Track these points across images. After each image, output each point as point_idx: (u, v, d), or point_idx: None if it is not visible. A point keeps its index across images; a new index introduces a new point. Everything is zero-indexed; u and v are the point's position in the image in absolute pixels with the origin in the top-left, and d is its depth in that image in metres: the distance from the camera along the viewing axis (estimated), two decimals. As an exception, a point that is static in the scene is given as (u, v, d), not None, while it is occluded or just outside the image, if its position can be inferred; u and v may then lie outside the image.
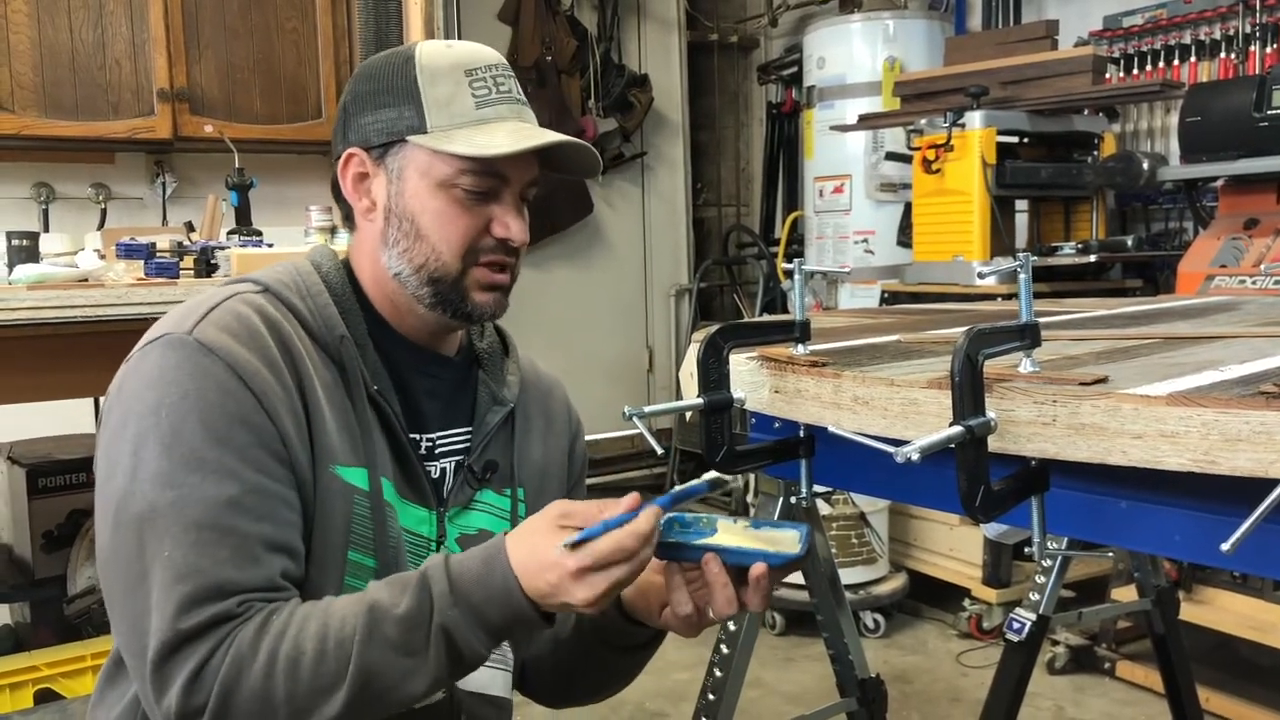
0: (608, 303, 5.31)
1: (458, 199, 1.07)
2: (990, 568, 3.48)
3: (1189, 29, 3.57)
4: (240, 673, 0.90)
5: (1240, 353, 0.99)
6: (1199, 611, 2.91)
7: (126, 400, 0.98)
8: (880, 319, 1.66)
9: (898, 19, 4.26)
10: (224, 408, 0.96)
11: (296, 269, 1.11)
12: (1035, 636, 2.09)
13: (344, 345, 1.07)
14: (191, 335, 0.99)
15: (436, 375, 1.16)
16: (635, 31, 5.31)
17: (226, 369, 0.97)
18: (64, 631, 2.68)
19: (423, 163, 1.07)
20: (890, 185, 4.18)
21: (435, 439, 1.14)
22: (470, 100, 1.07)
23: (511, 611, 0.94)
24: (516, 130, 1.07)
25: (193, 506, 0.93)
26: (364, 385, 1.07)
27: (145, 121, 3.59)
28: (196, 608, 0.91)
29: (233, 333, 1.00)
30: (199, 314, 1.02)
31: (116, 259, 2.15)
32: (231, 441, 0.96)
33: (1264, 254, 2.88)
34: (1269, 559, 0.74)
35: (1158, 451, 0.73)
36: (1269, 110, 2.86)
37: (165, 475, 0.93)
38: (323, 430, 1.02)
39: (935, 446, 0.74)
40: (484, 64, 1.10)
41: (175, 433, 0.94)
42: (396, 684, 0.93)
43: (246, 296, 1.05)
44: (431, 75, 1.07)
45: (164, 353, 0.98)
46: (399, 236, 1.08)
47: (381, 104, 1.08)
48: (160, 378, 0.97)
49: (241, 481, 0.95)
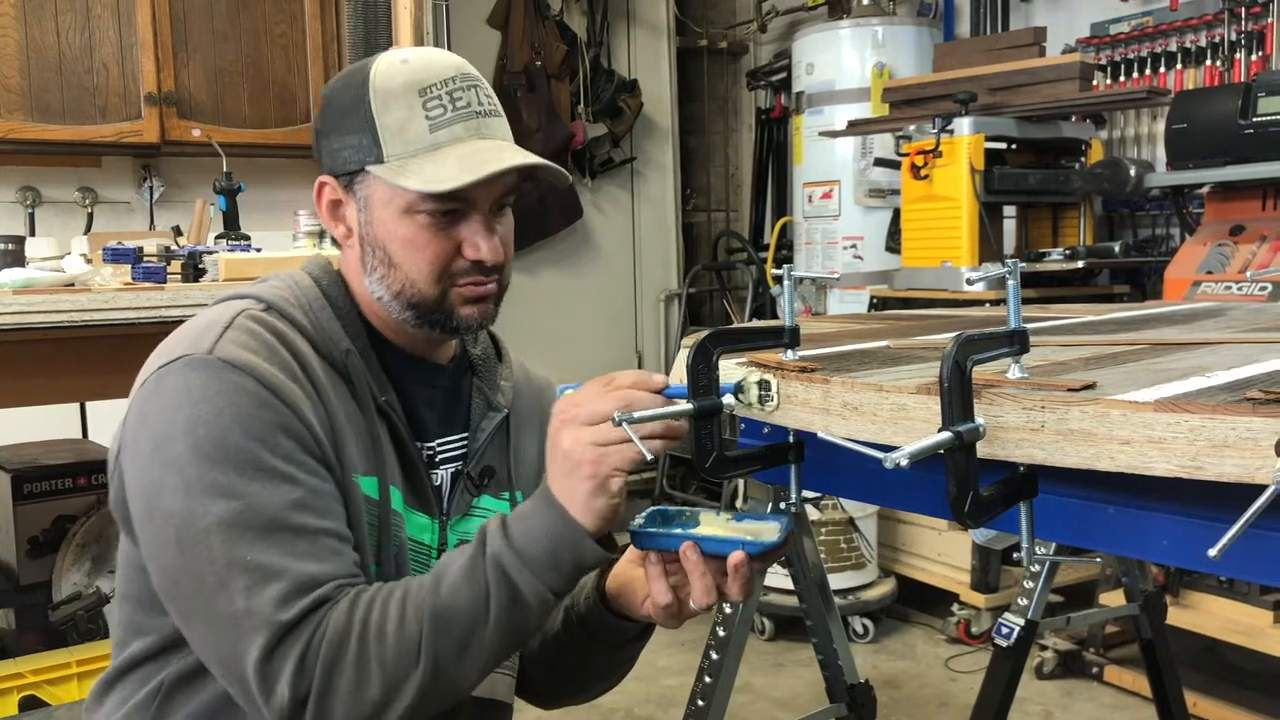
0: (597, 307, 5.31)
1: (423, 225, 1.06)
2: (979, 573, 3.49)
3: (1175, 36, 3.59)
4: (339, 649, 0.92)
5: (1227, 358, 1.00)
6: (1186, 616, 2.92)
7: (155, 424, 0.98)
8: (869, 324, 1.66)
9: (886, 25, 4.27)
10: (262, 418, 0.97)
11: (296, 283, 1.12)
12: (1024, 641, 2.09)
13: (350, 359, 1.08)
14: (213, 354, 0.99)
15: (432, 384, 1.17)
16: (625, 37, 5.31)
17: (256, 383, 0.98)
18: (49, 638, 2.66)
19: (384, 193, 1.06)
20: (879, 191, 4.19)
21: (435, 447, 1.16)
22: (423, 124, 1.05)
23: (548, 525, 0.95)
24: (469, 155, 1.05)
25: (261, 511, 0.94)
26: (372, 397, 1.08)
27: (133, 125, 3.58)
28: (293, 600, 0.93)
29: (252, 349, 1.01)
30: (214, 333, 1.02)
31: (103, 263, 2.14)
32: (278, 448, 0.97)
33: (1250, 260, 2.90)
34: (1255, 564, 0.74)
35: (1145, 457, 0.73)
36: (1254, 118, 2.88)
37: (224, 487, 0.94)
38: (343, 438, 1.04)
39: (924, 452, 0.74)
40: (438, 79, 1.07)
41: (221, 446, 0.95)
42: (468, 631, 0.95)
43: (253, 314, 1.06)
44: (384, 100, 1.06)
45: (185, 374, 0.98)
46: (375, 264, 1.09)
47: (343, 130, 1.07)
48: (189, 397, 0.97)
49: (299, 483, 0.97)
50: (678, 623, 1.05)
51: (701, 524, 1.03)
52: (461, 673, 0.96)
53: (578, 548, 0.95)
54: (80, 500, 2.82)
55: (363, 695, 0.93)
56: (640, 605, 1.09)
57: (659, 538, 1.00)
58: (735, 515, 1.05)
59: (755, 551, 0.98)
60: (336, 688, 0.92)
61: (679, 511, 1.06)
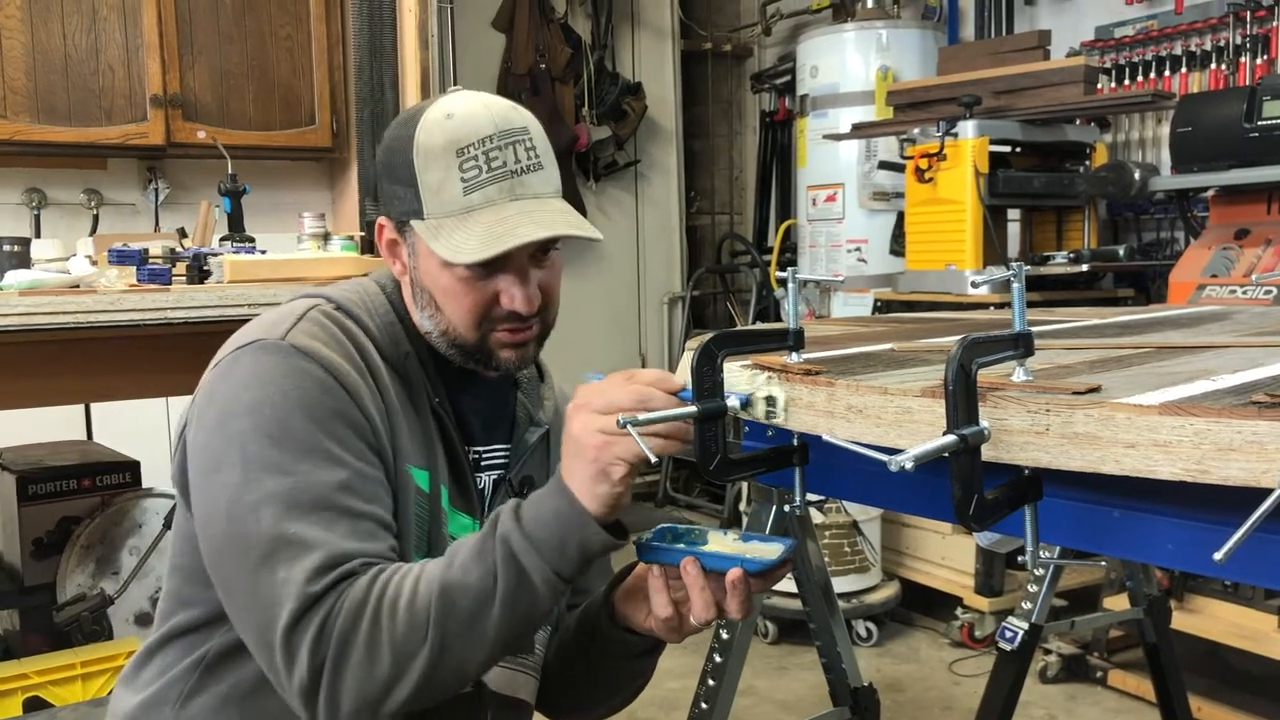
0: (601, 310, 5.32)
1: (461, 277, 1.11)
2: (983, 576, 3.48)
3: (1180, 40, 3.59)
4: (354, 621, 0.95)
5: (1232, 362, 1.00)
6: (1190, 620, 2.92)
7: (223, 401, 1.04)
8: (873, 327, 1.66)
9: (891, 28, 4.27)
10: (324, 403, 1.03)
11: (364, 289, 1.19)
12: (1028, 645, 2.09)
13: (409, 361, 1.15)
14: (285, 340, 1.06)
15: (479, 394, 1.22)
16: (629, 40, 5.32)
17: (322, 369, 1.05)
18: (53, 639, 2.66)
19: (425, 245, 1.12)
20: (883, 194, 4.19)
21: (481, 452, 1.22)
22: (458, 187, 1.09)
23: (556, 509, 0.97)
24: (495, 224, 1.08)
25: (310, 490, 0.99)
26: (428, 397, 1.15)
27: (138, 127, 3.59)
28: (326, 572, 0.97)
29: (322, 340, 1.08)
30: (288, 323, 1.09)
31: (108, 265, 2.15)
32: (335, 433, 1.03)
33: (1254, 264, 2.89)
34: (1261, 568, 0.74)
35: (1150, 461, 0.73)
36: (1259, 121, 2.87)
37: (278, 464, 0.99)
38: (399, 431, 1.10)
39: (929, 455, 0.74)
40: (477, 138, 1.10)
41: (282, 426, 1.01)
42: (474, 610, 0.96)
43: (324, 309, 1.13)
44: (426, 158, 1.10)
45: (258, 357, 1.05)
46: (423, 303, 1.15)
47: (395, 179, 1.13)
48: (259, 378, 1.03)
49: (349, 468, 1.02)
50: (679, 637, 1.08)
51: (709, 542, 1.06)
52: (468, 653, 0.97)
53: (584, 532, 0.97)
54: (85, 502, 2.83)
55: (373, 671, 0.95)
56: (644, 619, 1.11)
57: (662, 552, 1.03)
58: (742, 535, 1.07)
59: (754, 569, 0.99)
60: (348, 660, 0.95)
61: (688, 530, 1.09)
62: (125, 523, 2.82)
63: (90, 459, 2.98)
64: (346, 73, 3.80)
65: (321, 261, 2.40)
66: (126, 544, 2.81)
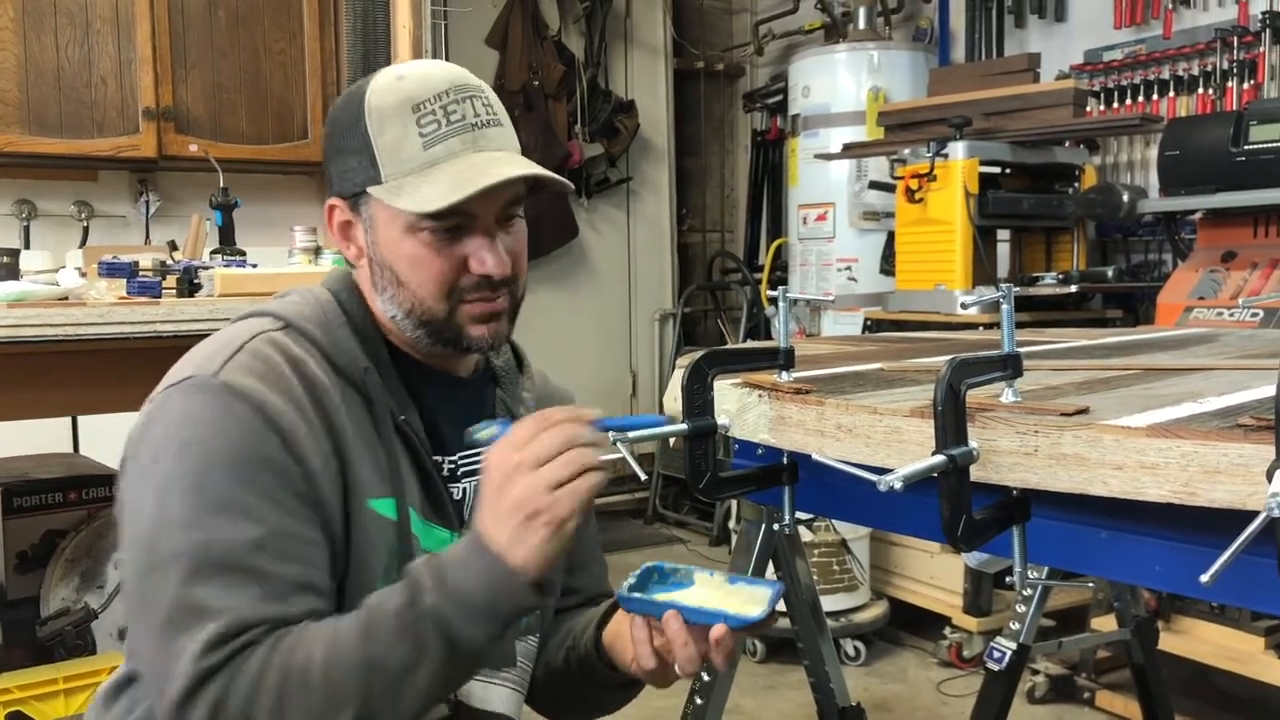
0: (592, 326, 5.32)
1: (426, 243, 1.05)
2: (971, 596, 3.48)
3: (1168, 64, 3.62)
4: (257, 692, 0.90)
5: (1219, 385, 1.00)
6: (1177, 642, 2.92)
7: (154, 441, 0.98)
8: (863, 346, 1.66)
9: (882, 50, 4.30)
10: (250, 450, 0.96)
11: (317, 300, 1.11)
12: (1015, 665, 2.09)
13: (368, 377, 1.07)
14: (218, 378, 0.99)
15: (453, 398, 1.16)
16: (622, 58, 5.34)
17: (253, 411, 0.97)
18: (37, 653, 2.64)
19: (385, 212, 1.06)
20: (873, 214, 4.21)
21: (457, 460, 1.15)
22: (417, 142, 1.04)
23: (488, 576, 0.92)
24: (462, 171, 1.03)
25: (220, 548, 0.93)
26: (390, 415, 1.07)
27: (130, 140, 3.58)
28: (222, 645, 0.91)
29: (259, 375, 1.00)
30: (224, 356, 1.01)
31: (98, 277, 2.14)
32: (256, 484, 0.96)
33: (1241, 286, 2.91)
34: (1247, 590, 0.74)
35: (1138, 483, 0.73)
36: (1246, 145, 2.90)
37: (192, 518, 0.94)
38: (354, 465, 1.03)
39: (918, 475, 0.75)
40: (432, 93, 1.05)
41: (202, 475, 0.95)
42: (401, 678, 0.92)
43: (270, 336, 1.05)
44: (380, 120, 1.05)
45: (189, 396, 0.99)
46: (385, 284, 1.09)
47: (345, 151, 1.08)
48: (186, 420, 0.97)
49: (266, 524, 0.95)
50: (665, 684, 1.05)
51: (696, 583, 1.03)
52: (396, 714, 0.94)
53: (518, 597, 0.93)
54: (70, 515, 2.80)
55: None
56: (629, 662, 1.08)
57: (643, 603, 0.99)
58: (730, 577, 1.04)
59: (737, 626, 0.96)
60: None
61: (674, 569, 1.05)
62: (110, 536, 2.80)
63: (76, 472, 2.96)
64: (340, 88, 3.81)
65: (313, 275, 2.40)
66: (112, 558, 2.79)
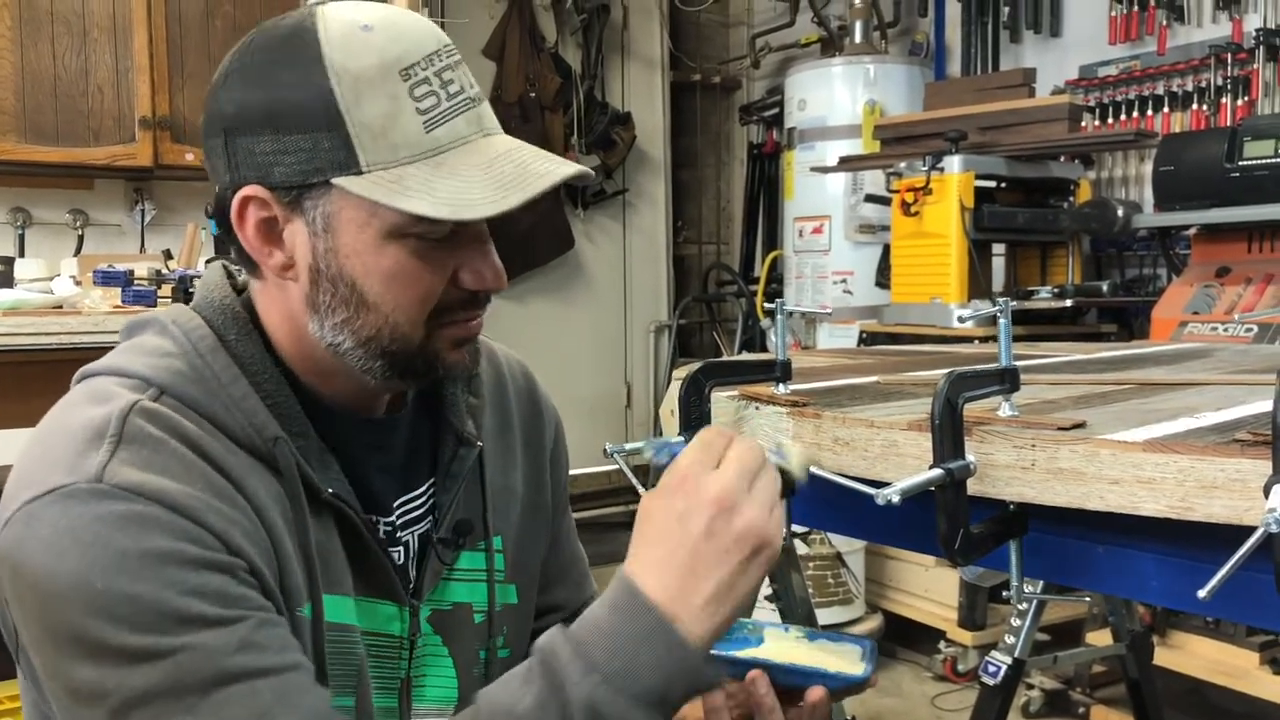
0: (587, 338, 5.31)
1: (413, 251, 0.81)
2: (966, 610, 3.47)
3: (1162, 80, 3.63)
4: None
5: (1214, 399, 1.00)
6: (1172, 656, 2.91)
7: (36, 581, 0.72)
8: (859, 359, 1.66)
9: (878, 64, 4.32)
10: (182, 556, 0.73)
11: (193, 345, 0.83)
12: (1010, 680, 2.08)
13: (279, 449, 0.82)
14: (103, 482, 0.73)
15: (383, 445, 0.93)
16: (619, 70, 5.35)
17: (169, 511, 0.73)
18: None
19: (360, 212, 0.79)
20: (869, 227, 4.22)
21: (395, 520, 0.93)
22: (416, 121, 0.79)
23: (669, 662, 0.71)
24: (492, 164, 0.80)
25: (200, 667, 0.72)
26: (309, 490, 0.84)
27: (126, 148, 3.58)
28: None
29: (156, 467, 0.75)
30: (99, 451, 0.75)
31: (93, 286, 2.14)
32: (208, 588, 0.73)
33: (1235, 302, 2.92)
34: (1244, 605, 0.74)
35: (1135, 497, 0.73)
36: (1240, 161, 2.91)
37: (144, 650, 0.71)
38: (285, 564, 0.81)
39: (915, 489, 0.74)
40: (421, 54, 0.80)
41: (129, 600, 0.71)
42: None
43: (145, 408, 0.78)
44: (354, 86, 0.78)
45: (66, 511, 0.72)
46: (335, 304, 0.82)
47: (284, 126, 0.78)
48: (75, 543, 0.71)
49: (243, 620, 0.74)
50: None
51: (767, 639, 0.88)
52: None
53: (694, 677, 0.72)
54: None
55: None
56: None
57: (721, 661, 0.83)
58: (807, 634, 0.90)
59: (837, 686, 0.83)
60: None
61: (741, 625, 0.89)
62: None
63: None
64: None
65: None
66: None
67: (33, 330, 1.88)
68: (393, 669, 0.92)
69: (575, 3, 5.05)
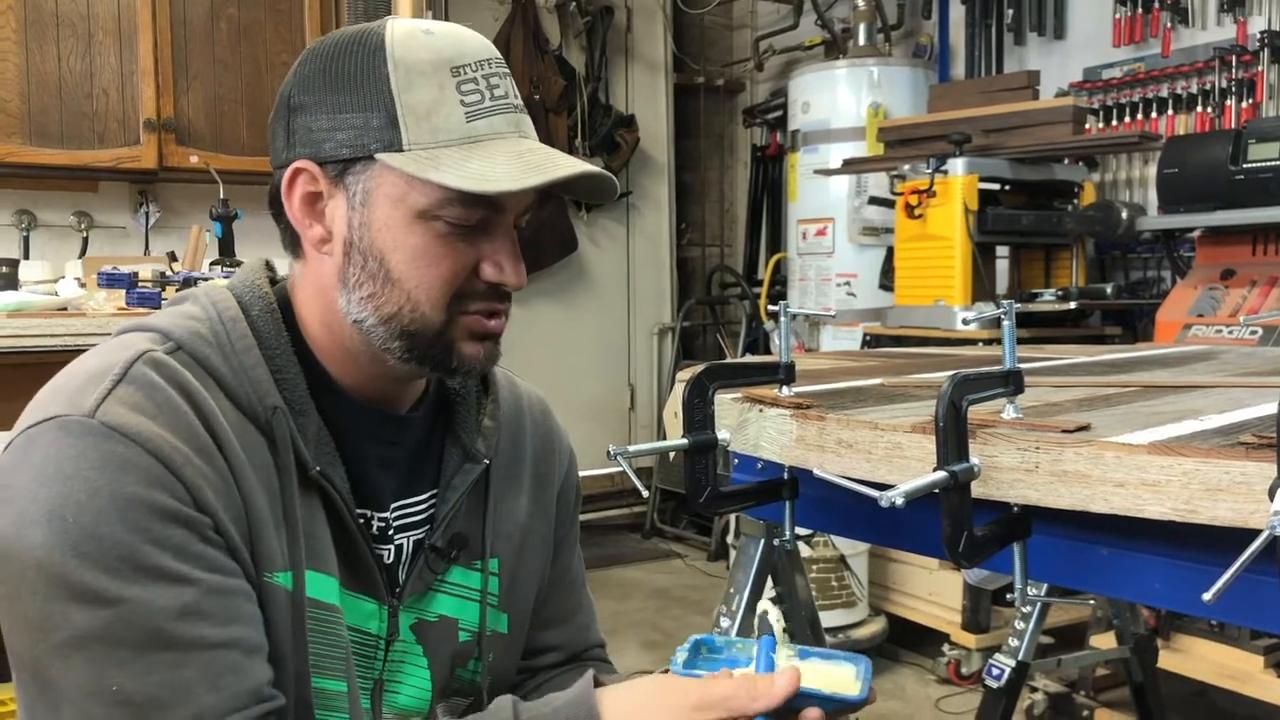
0: (591, 340, 5.32)
1: (440, 234, 0.86)
2: (970, 613, 3.47)
3: (1167, 83, 3.63)
4: None
5: (1219, 402, 1.00)
6: (1176, 660, 2.91)
7: (17, 500, 0.76)
8: (863, 361, 1.66)
9: (882, 66, 4.32)
10: (151, 503, 0.76)
11: (218, 313, 0.89)
12: (1014, 683, 2.08)
13: (276, 419, 0.86)
14: (95, 417, 0.77)
15: (392, 440, 0.95)
16: (623, 73, 5.36)
17: (147, 456, 0.77)
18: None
19: (396, 188, 0.85)
20: (873, 229, 4.22)
21: (390, 517, 0.95)
22: (459, 111, 0.85)
23: None
24: (521, 154, 0.86)
25: (138, 622, 0.74)
26: (301, 467, 0.87)
27: (130, 151, 3.59)
28: None
29: (147, 411, 0.79)
30: (101, 388, 0.79)
31: (98, 288, 2.14)
32: (170, 540, 0.76)
33: (1240, 304, 2.92)
34: (1249, 609, 0.74)
35: (1139, 500, 0.73)
36: (1244, 164, 2.91)
37: (91, 591, 0.73)
38: (260, 529, 0.83)
39: (919, 491, 0.74)
40: (474, 59, 0.87)
41: (94, 539, 0.74)
42: None
43: (154, 357, 0.83)
44: (408, 74, 0.85)
45: (58, 440, 0.77)
46: (363, 278, 0.87)
47: (341, 106, 0.86)
48: (58, 472, 0.75)
49: (194, 583, 0.77)
50: None
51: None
52: None
53: None
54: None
55: None
56: None
57: None
58: (800, 651, 0.90)
59: (832, 709, 0.84)
60: None
61: (728, 643, 0.90)
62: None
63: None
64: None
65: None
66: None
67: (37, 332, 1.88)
68: (367, 668, 0.93)
69: (579, 5, 5.06)
